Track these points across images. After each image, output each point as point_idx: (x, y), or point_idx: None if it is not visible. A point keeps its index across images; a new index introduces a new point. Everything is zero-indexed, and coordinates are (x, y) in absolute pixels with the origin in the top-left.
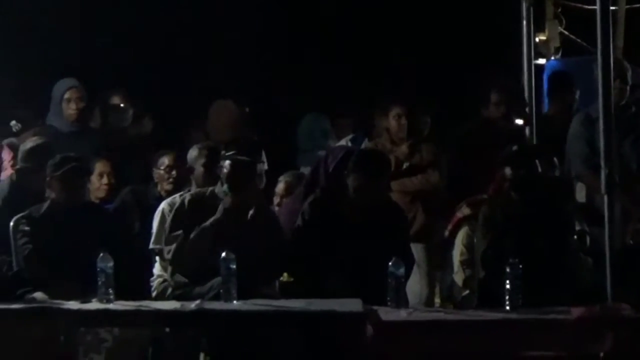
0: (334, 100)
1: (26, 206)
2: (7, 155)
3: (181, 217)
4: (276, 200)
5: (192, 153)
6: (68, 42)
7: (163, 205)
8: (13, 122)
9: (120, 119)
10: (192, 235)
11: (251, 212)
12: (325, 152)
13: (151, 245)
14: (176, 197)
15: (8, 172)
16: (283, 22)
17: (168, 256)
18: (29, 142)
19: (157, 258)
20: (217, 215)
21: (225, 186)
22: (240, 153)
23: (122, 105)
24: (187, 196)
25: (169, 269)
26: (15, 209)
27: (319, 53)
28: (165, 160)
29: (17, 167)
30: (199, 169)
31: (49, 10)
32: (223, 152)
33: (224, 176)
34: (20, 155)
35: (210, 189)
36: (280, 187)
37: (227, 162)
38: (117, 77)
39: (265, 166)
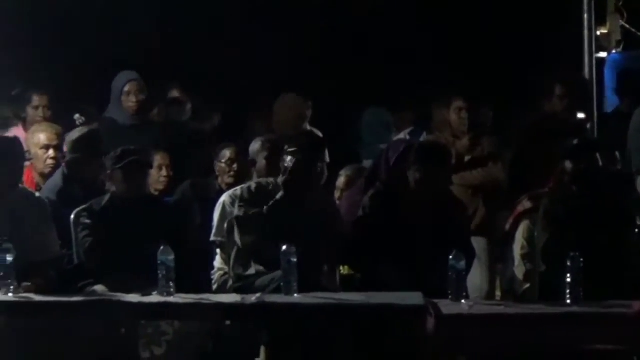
0: (395, 93)
1: (79, 197)
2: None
3: (249, 202)
4: (337, 194)
5: (255, 146)
6: (129, 35)
7: (224, 197)
8: (77, 116)
9: (179, 112)
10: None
11: (312, 205)
12: (387, 145)
13: (212, 238)
14: (237, 190)
15: None
16: (344, 16)
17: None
18: (75, 133)
19: (218, 251)
20: (273, 203)
21: (284, 179)
22: (303, 147)
23: (180, 98)
24: (253, 184)
25: (231, 261)
26: (69, 201)
27: (381, 46)
28: (227, 153)
29: (67, 159)
30: (261, 162)
31: (111, 3)
32: (286, 147)
33: (286, 170)
34: (67, 147)
35: (274, 179)
36: (341, 181)
37: (289, 157)
38: (177, 70)
39: (327, 160)
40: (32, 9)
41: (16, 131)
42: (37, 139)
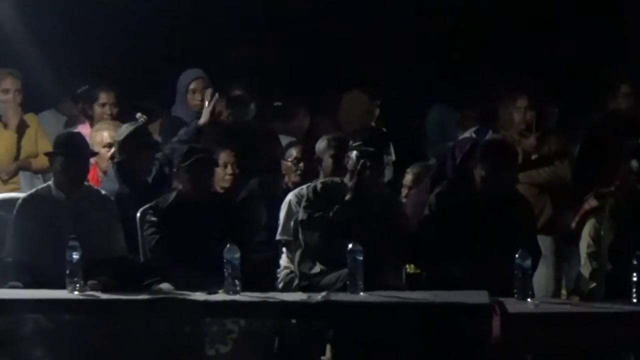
0: (461, 91)
1: (135, 196)
2: None
3: (315, 203)
4: (404, 191)
5: (321, 144)
6: (194, 32)
7: (290, 196)
8: (138, 115)
9: (243, 111)
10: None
11: (377, 203)
12: (453, 143)
13: (278, 237)
14: (303, 189)
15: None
16: (411, 13)
17: (303, 245)
18: (122, 131)
19: (284, 249)
20: (342, 204)
21: (350, 176)
22: (367, 143)
23: (244, 97)
24: (319, 183)
25: (295, 260)
26: (127, 201)
27: (447, 43)
28: (293, 152)
29: (116, 160)
30: (328, 161)
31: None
32: (350, 142)
33: (350, 167)
34: (116, 147)
35: (339, 178)
36: (408, 178)
37: (354, 153)
38: (240, 68)
39: (393, 157)
40: (99, 6)
41: (83, 129)
42: (100, 137)
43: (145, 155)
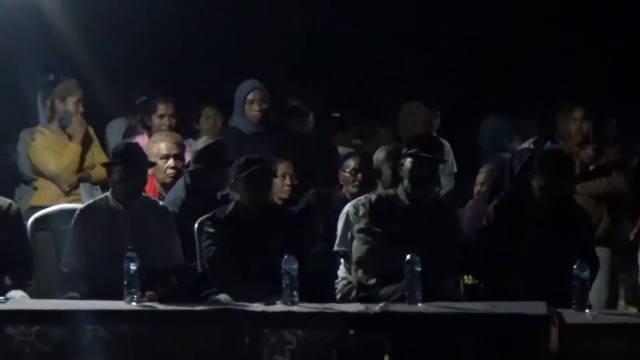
0: (519, 101)
1: (202, 208)
2: (189, 156)
3: (368, 217)
4: (476, 188)
5: (380, 155)
6: (251, 42)
7: (348, 207)
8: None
9: (301, 122)
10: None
11: (434, 213)
12: (510, 154)
13: (335, 248)
14: (361, 199)
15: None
16: (466, 23)
17: (357, 255)
18: (200, 143)
19: (342, 260)
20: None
21: (406, 183)
22: (422, 150)
23: (301, 107)
24: (373, 196)
25: (354, 271)
26: (192, 212)
27: (503, 52)
28: (351, 163)
29: (190, 168)
30: (387, 172)
31: (236, 12)
32: (404, 150)
33: (406, 173)
34: (192, 156)
35: (393, 190)
36: (481, 176)
37: (409, 159)
38: (298, 78)
39: (455, 168)
40: (157, 18)
41: (141, 140)
42: (157, 149)
43: (218, 171)
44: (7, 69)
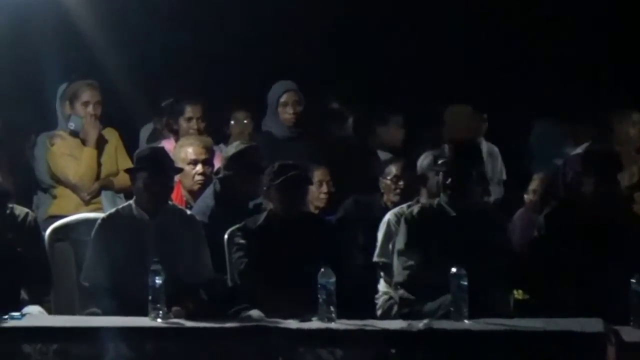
0: (572, 103)
1: (232, 217)
2: (218, 161)
3: (408, 235)
4: (529, 196)
5: (425, 161)
6: (287, 42)
7: (389, 215)
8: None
9: (339, 126)
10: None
11: (481, 223)
12: (563, 160)
13: (375, 259)
14: (403, 207)
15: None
16: (517, 21)
17: (398, 278)
18: (232, 148)
19: (382, 273)
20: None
21: (445, 194)
22: (455, 158)
23: (340, 110)
24: (416, 208)
25: (394, 285)
26: (221, 222)
27: (556, 53)
28: (393, 169)
29: (220, 175)
30: (433, 178)
31: (265, 10)
32: (436, 160)
33: (441, 183)
34: (222, 162)
35: (437, 199)
36: (535, 183)
37: (444, 168)
38: (336, 80)
39: (504, 176)
40: (185, 18)
41: (167, 144)
42: (184, 154)
43: (250, 178)
44: (28, 70)
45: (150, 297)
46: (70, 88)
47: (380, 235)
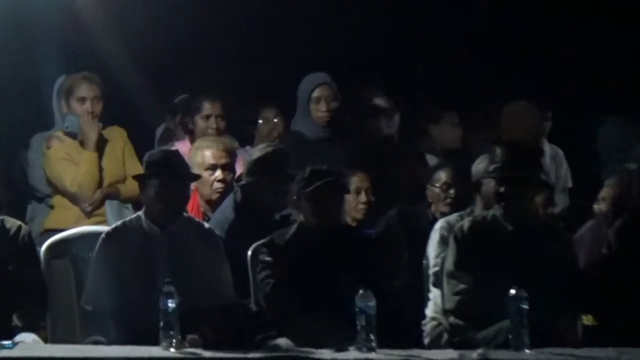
0: None
1: (255, 231)
2: (241, 167)
3: (457, 254)
4: (597, 206)
5: (481, 165)
6: (320, 29)
7: (440, 223)
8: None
9: (381, 125)
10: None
11: (542, 238)
12: (636, 165)
13: (432, 269)
14: (454, 217)
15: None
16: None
17: (448, 305)
18: (255, 151)
19: (430, 295)
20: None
21: (499, 207)
22: (508, 164)
23: (384, 106)
24: (466, 222)
25: (444, 309)
26: (242, 236)
27: (629, 42)
28: (442, 176)
29: (242, 182)
30: (489, 185)
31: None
32: (490, 166)
33: (494, 192)
34: (244, 168)
35: (492, 211)
36: (606, 191)
37: (492, 180)
38: (379, 71)
39: (570, 183)
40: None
41: (181, 146)
42: (201, 157)
43: (278, 186)
44: (23, 63)
45: (162, 323)
46: (65, 82)
47: (432, 244)
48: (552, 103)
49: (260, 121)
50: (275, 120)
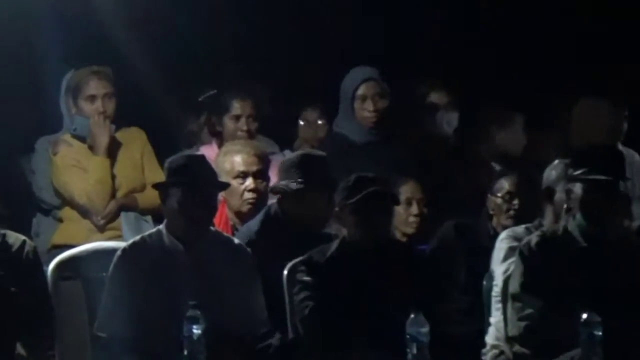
0: None
1: (291, 246)
2: (275, 174)
3: (523, 275)
4: None
5: (553, 171)
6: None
7: (505, 234)
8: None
9: (438, 125)
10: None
11: (622, 256)
12: None
13: (498, 288)
14: (521, 229)
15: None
16: None
17: (513, 331)
18: (292, 157)
19: (492, 320)
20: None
21: (579, 217)
22: (597, 169)
23: (442, 103)
24: (534, 237)
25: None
26: (274, 252)
27: None
28: (505, 184)
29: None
30: (561, 194)
31: None
32: (570, 170)
33: (576, 203)
34: (279, 174)
35: (564, 224)
36: None
37: (579, 184)
38: (435, 66)
39: None
40: None
41: (208, 151)
42: (229, 164)
43: (321, 195)
44: (25, 56)
45: (185, 352)
46: (72, 79)
47: (498, 258)
48: (630, 99)
49: (302, 122)
50: (320, 122)
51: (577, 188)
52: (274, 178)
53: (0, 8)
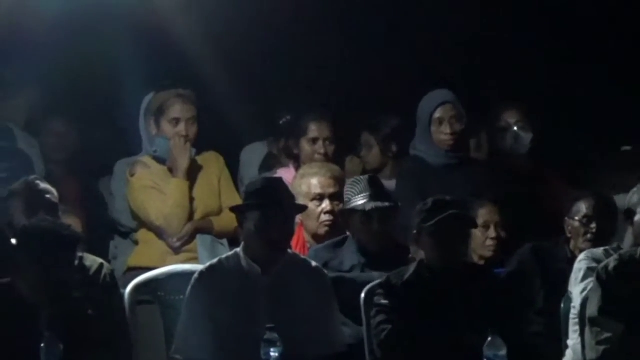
0: None
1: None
2: None
3: (602, 298)
4: None
5: (635, 195)
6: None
7: (584, 255)
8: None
9: (512, 145)
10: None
11: None
12: None
13: (573, 311)
14: (600, 251)
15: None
16: None
17: (591, 355)
18: (360, 179)
19: (569, 343)
20: None
21: None
22: None
23: (515, 124)
24: (612, 261)
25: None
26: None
27: None
28: (583, 207)
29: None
30: None
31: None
32: None
33: None
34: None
35: None
36: None
37: None
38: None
39: None
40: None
41: (285, 173)
42: (306, 187)
43: (386, 218)
44: (105, 79)
45: None
46: (156, 100)
47: (576, 279)
48: None
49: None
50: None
51: None
52: None
53: (80, 31)
